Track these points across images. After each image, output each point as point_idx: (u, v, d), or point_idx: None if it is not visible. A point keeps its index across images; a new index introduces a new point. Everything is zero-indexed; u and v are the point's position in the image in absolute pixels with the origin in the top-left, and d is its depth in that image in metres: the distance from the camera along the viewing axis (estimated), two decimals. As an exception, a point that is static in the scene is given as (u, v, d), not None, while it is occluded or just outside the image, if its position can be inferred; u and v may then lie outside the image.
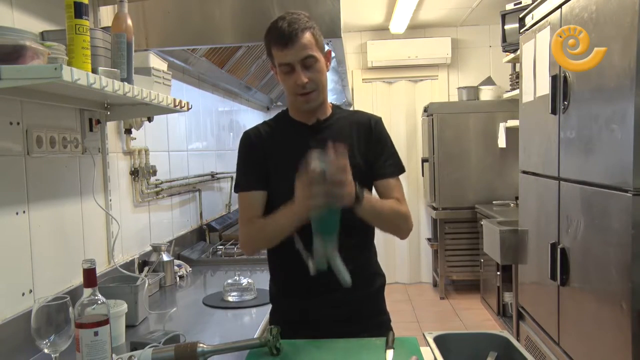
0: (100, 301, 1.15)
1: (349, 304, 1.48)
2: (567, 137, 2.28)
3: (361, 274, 1.45)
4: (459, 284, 5.12)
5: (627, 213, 1.79)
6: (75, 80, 1.18)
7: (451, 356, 1.08)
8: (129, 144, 2.18)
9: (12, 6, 1.46)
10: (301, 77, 1.39)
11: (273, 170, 1.48)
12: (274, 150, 1.50)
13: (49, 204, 1.61)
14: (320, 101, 1.47)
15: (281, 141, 1.51)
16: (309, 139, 1.44)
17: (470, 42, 5.36)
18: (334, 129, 1.50)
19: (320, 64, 1.42)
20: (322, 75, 1.44)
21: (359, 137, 1.50)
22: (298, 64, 1.38)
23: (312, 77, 1.40)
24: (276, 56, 1.41)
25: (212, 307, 1.89)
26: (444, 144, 4.77)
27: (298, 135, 1.49)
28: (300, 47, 1.37)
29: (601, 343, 2.02)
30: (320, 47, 1.43)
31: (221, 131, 3.61)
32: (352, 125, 1.52)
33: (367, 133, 1.51)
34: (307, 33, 1.39)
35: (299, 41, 1.37)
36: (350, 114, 1.57)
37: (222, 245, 2.84)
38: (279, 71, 1.43)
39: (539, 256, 2.65)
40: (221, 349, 1.27)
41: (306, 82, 1.39)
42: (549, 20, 2.44)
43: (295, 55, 1.38)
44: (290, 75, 1.40)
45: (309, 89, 1.41)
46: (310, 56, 1.39)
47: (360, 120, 1.54)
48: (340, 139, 1.39)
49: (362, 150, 1.49)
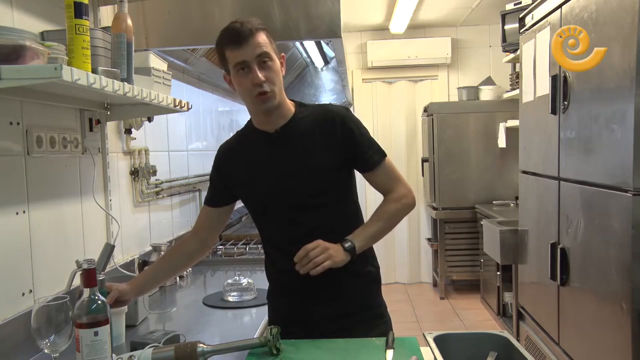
0: (100, 301, 1.15)
1: (339, 299, 1.49)
2: (567, 137, 2.28)
3: (349, 270, 1.45)
4: (459, 284, 5.12)
5: (627, 213, 1.79)
6: (75, 80, 1.18)
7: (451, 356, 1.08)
8: (129, 144, 2.18)
9: (12, 6, 1.46)
10: (258, 75, 1.36)
11: (238, 183, 1.54)
12: (239, 162, 1.54)
13: (49, 204, 1.61)
14: (278, 101, 1.43)
15: (245, 153, 1.53)
16: (269, 149, 1.49)
17: (470, 42, 5.36)
18: (296, 134, 1.48)
19: (276, 64, 1.41)
20: (278, 76, 1.42)
21: (323, 135, 1.47)
22: (254, 62, 1.36)
23: (268, 75, 1.38)
24: (230, 57, 1.38)
25: (212, 307, 1.89)
26: (444, 144, 4.77)
27: (259, 147, 1.51)
28: (256, 44, 1.36)
29: (601, 343, 2.02)
30: (274, 49, 1.41)
31: (221, 131, 3.61)
32: (315, 125, 1.48)
33: (331, 129, 1.47)
34: (261, 32, 1.38)
35: (254, 39, 1.35)
36: (315, 111, 1.52)
37: (222, 245, 2.84)
38: (234, 74, 1.40)
39: (539, 256, 2.65)
40: (221, 348, 1.27)
41: (263, 80, 1.37)
42: (549, 20, 2.44)
43: (251, 53, 1.36)
44: (246, 76, 1.38)
45: (266, 88, 1.38)
46: (265, 53, 1.37)
47: (324, 118, 1.49)
48: (300, 145, 1.48)
49: (328, 148, 1.46)
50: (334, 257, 1.36)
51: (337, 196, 1.51)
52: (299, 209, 1.47)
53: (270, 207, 1.51)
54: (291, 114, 1.50)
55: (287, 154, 1.47)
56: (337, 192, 1.51)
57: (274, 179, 1.47)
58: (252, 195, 1.54)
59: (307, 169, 1.46)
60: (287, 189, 1.46)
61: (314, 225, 1.46)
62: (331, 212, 1.49)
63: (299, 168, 1.46)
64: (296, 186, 1.46)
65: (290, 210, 1.47)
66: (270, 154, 1.49)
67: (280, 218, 1.50)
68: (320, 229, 1.45)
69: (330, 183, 1.48)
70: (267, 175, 1.48)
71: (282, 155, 1.48)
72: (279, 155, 1.48)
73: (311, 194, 1.46)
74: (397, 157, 5.32)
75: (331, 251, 1.36)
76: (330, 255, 1.36)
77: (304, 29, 1.99)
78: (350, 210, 1.55)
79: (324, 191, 1.48)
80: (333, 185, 1.49)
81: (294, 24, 2.00)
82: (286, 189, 1.46)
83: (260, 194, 1.51)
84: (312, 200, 1.47)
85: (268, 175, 1.48)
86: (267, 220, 1.55)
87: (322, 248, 1.36)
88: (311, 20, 1.99)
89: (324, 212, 1.48)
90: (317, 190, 1.47)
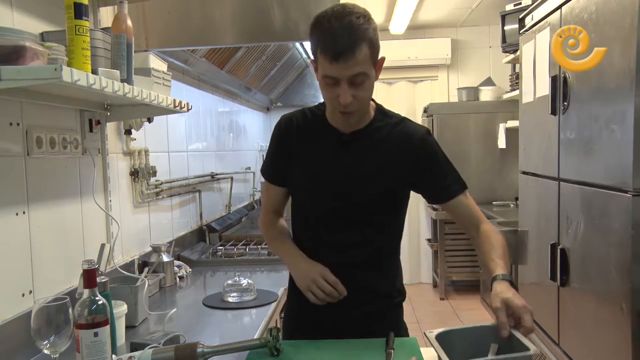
0: (100, 302, 1.15)
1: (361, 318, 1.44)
2: (567, 137, 2.28)
3: (368, 290, 1.43)
4: (459, 285, 5.12)
5: (627, 213, 1.79)
6: (75, 81, 1.18)
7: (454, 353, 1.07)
8: (129, 144, 2.18)
9: (12, 7, 1.46)
10: (346, 95, 1.23)
11: (296, 170, 1.44)
12: (301, 149, 1.43)
13: (48, 205, 1.60)
14: (359, 118, 1.35)
15: (310, 143, 1.42)
16: (338, 150, 1.40)
17: (470, 43, 5.36)
18: (369, 142, 1.39)
19: (370, 81, 1.26)
20: (369, 92, 1.30)
21: (397, 152, 1.38)
22: (345, 81, 1.23)
23: (358, 95, 1.26)
24: (322, 65, 1.24)
25: (212, 307, 1.89)
26: (444, 144, 4.63)
27: (328, 143, 1.40)
28: (354, 63, 1.20)
29: (601, 343, 2.02)
30: (374, 59, 1.26)
31: (221, 132, 3.61)
32: (393, 139, 1.38)
33: (408, 149, 1.38)
34: (364, 46, 1.20)
35: (353, 57, 1.19)
36: (394, 124, 1.41)
37: (222, 246, 2.84)
38: (321, 80, 1.27)
39: (539, 257, 2.65)
40: (221, 349, 1.27)
41: (350, 101, 1.25)
42: (549, 20, 2.44)
43: (346, 72, 1.21)
44: (333, 88, 1.25)
45: (352, 109, 1.28)
46: (361, 74, 1.23)
47: (404, 134, 1.39)
48: (371, 156, 1.38)
49: (397, 170, 1.38)
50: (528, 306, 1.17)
51: (391, 216, 1.45)
52: (347, 220, 1.40)
53: (317, 205, 1.43)
54: (369, 118, 1.40)
55: (354, 162, 1.38)
56: (392, 211, 1.45)
57: (334, 181, 1.39)
58: (306, 183, 1.43)
59: (372, 184, 1.38)
60: (345, 197, 1.39)
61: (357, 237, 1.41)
62: (380, 229, 1.43)
63: (364, 180, 1.38)
64: (356, 197, 1.38)
65: (340, 217, 1.40)
66: (338, 154, 1.39)
67: (325, 219, 1.42)
68: (362, 242, 1.41)
69: (389, 203, 1.42)
70: (327, 175, 1.40)
71: (349, 160, 1.39)
72: (346, 160, 1.39)
73: (368, 208, 1.39)
74: (397, 158, 5.32)
75: (527, 305, 1.16)
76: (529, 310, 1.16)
77: (304, 30, 1.99)
78: (396, 229, 1.49)
79: (381, 210, 1.41)
80: (390, 206, 1.43)
81: (294, 25, 2.00)
82: (344, 195, 1.38)
83: (316, 192, 1.42)
84: (367, 214, 1.40)
85: (329, 175, 1.40)
86: (308, 214, 1.47)
87: (530, 314, 1.15)
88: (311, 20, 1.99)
89: (371, 228, 1.41)
90: (374, 208, 1.40)
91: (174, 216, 2.67)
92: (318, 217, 1.44)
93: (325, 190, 1.41)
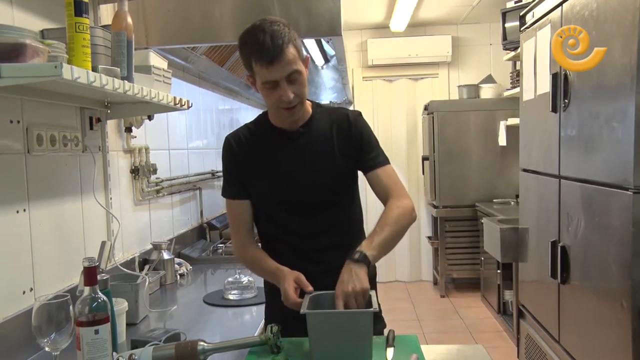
0: (101, 299, 1.15)
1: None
2: (567, 135, 2.28)
3: None
4: (460, 282, 5.12)
5: (628, 211, 1.79)
6: (75, 78, 1.18)
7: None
8: (130, 142, 2.18)
9: (12, 4, 1.46)
10: (287, 93, 1.37)
11: (253, 177, 1.52)
12: (254, 157, 1.52)
13: (49, 202, 1.61)
14: (303, 109, 1.47)
15: (261, 149, 1.52)
16: (288, 147, 1.50)
17: (471, 40, 5.36)
18: (314, 132, 1.51)
19: (303, 76, 1.40)
20: (305, 86, 1.43)
21: (339, 135, 1.51)
22: (283, 80, 1.36)
23: (297, 90, 1.39)
24: (259, 73, 1.37)
25: (212, 305, 1.89)
26: (445, 142, 4.77)
27: (278, 143, 1.51)
28: (286, 63, 1.34)
29: (601, 341, 2.02)
30: (301, 58, 1.41)
31: (221, 129, 3.61)
32: (332, 124, 1.52)
33: (347, 130, 1.51)
34: (290, 47, 1.35)
35: (284, 57, 1.33)
36: (330, 112, 1.56)
37: (222, 243, 2.84)
38: (261, 87, 1.40)
39: (540, 254, 2.65)
40: (222, 347, 1.27)
41: (292, 97, 1.38)
42: (550, 18, 2.44)
43: (281, 72, 1.35)
44: (274, 91, 1.38)
45: (294, 103, 1.40)
46: (295, 71, 1.37)
47: (339, 117, 1.53)
48: (320, 144, 1.50)
49: (343, 149, 1.50)
50: (364, 286, 1.28)
51: (349, 196, 1.57)
52: (315, 207, 1.50)
53: (285, 203, 1.51)
54: (309, 113, 1.53)
55: (307, 153, 1.50)
56: (349, 191, 1.56)
57: (293, 176, 1.49)
58: (267, 190, 1.52)
59: (327, 168, 1.49)
60: (307, 187, 1.49)
61: (326, 222, 1.51)
62: (342, 211, 1.55)
63: (320, 167, 1.49)
64: (316, 185, 1.49)
65: (308, 207, 1.50)
66: (290, 151, 1.51)
67: (294, 214, 1.50)
68: (333, 226, 1.52)
69: (345, 183, 1.54)
70: (285, 173, 1.50)
71: (302, 153, 1.50)
72: (300, 154, 1.50)
73: (332, 191, 1.51)
74: (398, 155, 5.32)
75: (359, 287, 1.28)
76: (362, 289, 1.28)
77: (304, 27, 1.99)
78: (357, 210, 1.61)
79: (340, 190, 1.53)
80: (348, 185, 1.55)
81: (294, 22, 1.99)
82: (306, 187, 1.49)
83: (276, 191, 1.51)
84: (330, 198, 1.51)
85: (286, 173, 1.50)
86: (277, 216, 1.53)
87: (356, 292, 1.27)
88: (311, 18, 2.00)
89: (335, 212, 1.53)
90: (336, 189, 1.52)
91: (175, 214, 2.67)
92: (282, 211, 1.52)
93: (282, 184, 1.50)
